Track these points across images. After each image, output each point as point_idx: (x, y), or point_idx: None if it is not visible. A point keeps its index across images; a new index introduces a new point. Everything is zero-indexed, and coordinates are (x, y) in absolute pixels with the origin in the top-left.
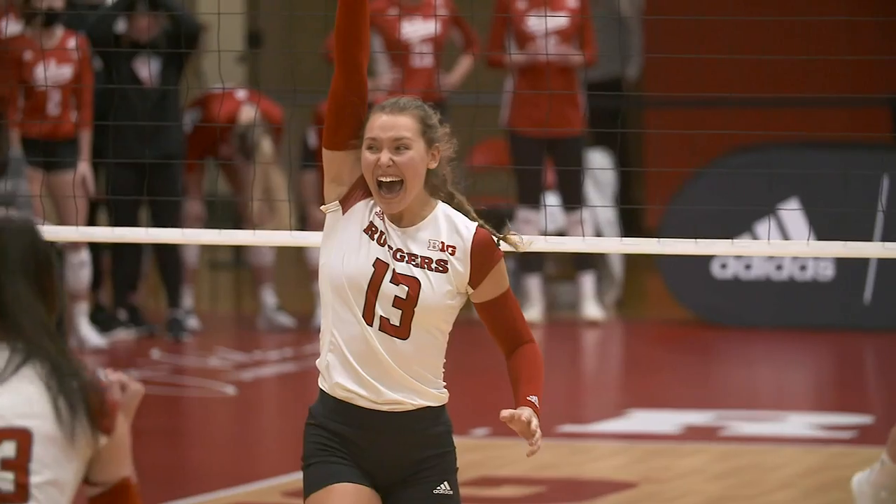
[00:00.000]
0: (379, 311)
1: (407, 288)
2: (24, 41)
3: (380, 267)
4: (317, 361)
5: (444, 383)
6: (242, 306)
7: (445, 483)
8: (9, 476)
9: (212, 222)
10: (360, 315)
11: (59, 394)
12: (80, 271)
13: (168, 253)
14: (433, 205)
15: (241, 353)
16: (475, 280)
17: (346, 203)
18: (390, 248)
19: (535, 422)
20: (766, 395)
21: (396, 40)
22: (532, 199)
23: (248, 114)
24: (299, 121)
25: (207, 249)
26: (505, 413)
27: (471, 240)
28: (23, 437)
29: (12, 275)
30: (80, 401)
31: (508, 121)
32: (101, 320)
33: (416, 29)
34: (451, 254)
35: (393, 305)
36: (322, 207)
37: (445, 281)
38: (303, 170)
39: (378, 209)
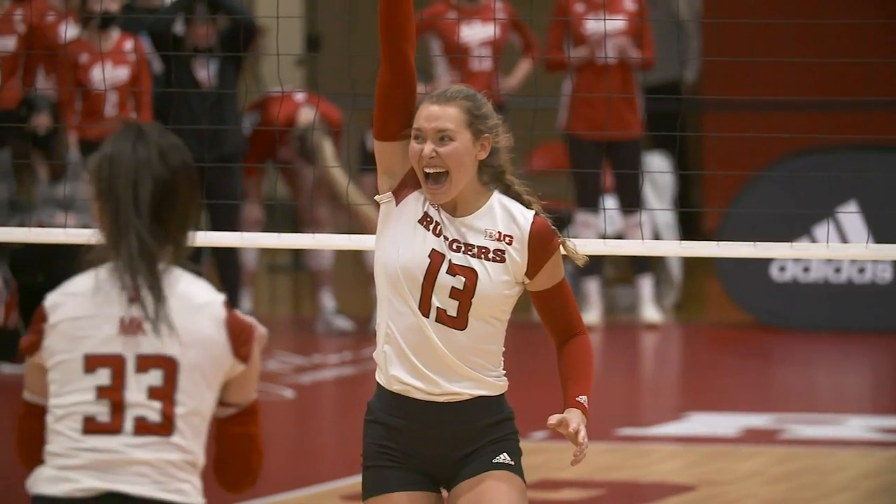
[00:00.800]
0: (435, 302)
1: (464, 279)
2: (81, 44)
3: (436, 258)
4: (373, 353)
5: (504, 371)
6: (301, 310)
7: (505, 454)
8: (156, 405)
9: (270, 225)
10: (416, 307)
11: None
12: None
13: (226, 256)
14: (489, 194)
15: (299, 357)
16: (532, 270)
17: (399, 194)
18: (446, 238)
19: (582, 432)
20: (825, 398)
21: (455, 44)
22: (590, 202)
23: (307, 115)
24: (357, 124)
25: (266, 252)
26: (552, 420)
27: (528, 229)
28: (169, 366)
29: (145, 191)
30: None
31: (566, 124)
32: None
33: (475, 32)
34: (508, 243)
35: (450, 296)
36: (376, 198)
37: (503, 271)
38: (361, 173)
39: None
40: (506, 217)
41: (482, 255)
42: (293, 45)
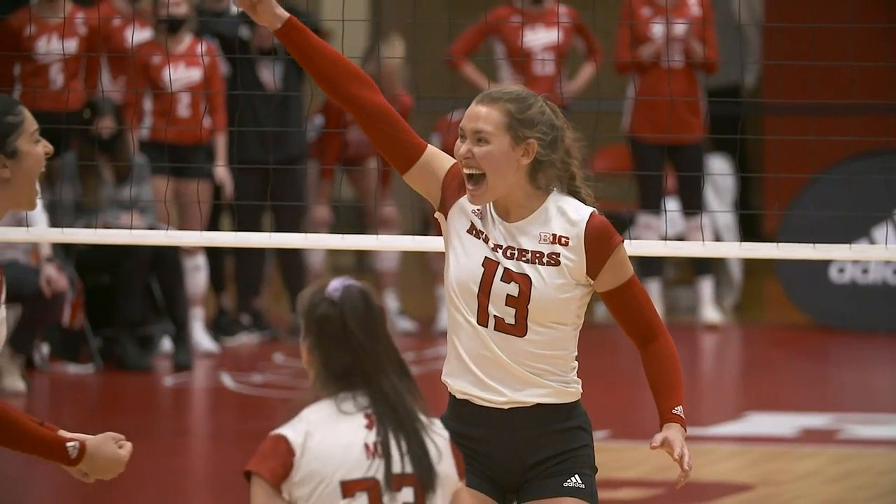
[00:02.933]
0: (492, 311)
1: (518, 285)
2: (154, 46)
3: (489, 266)
4: (442, 375)
5: (577, 379)
6: None
7: (577, 476)
8: None
9: (335, 227)
10: (474, 318)
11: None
12: (195, 276)
13: (291, 257)
14: (543, 197)
15: None
16: (593, 269)
17: (444, 208)
18: (499, 245)
19: (686, 456)
20: (883, 399)
21: (518, 48)
22: (653, 204)
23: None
24: (423, 126)
25: (331, 254)
26: (656, 441)
27: (584, 227)
28: (416, 483)
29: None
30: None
31: (631, 126)
32: (225, 325)
33: (539, 37)
34: (563, 244)
35: (506, 304)
36: (435, 216)
37: (557, 274)
38: None
39: (476, 208)
40: (561, 218)
41: (536, 260)
42: (358, 48)
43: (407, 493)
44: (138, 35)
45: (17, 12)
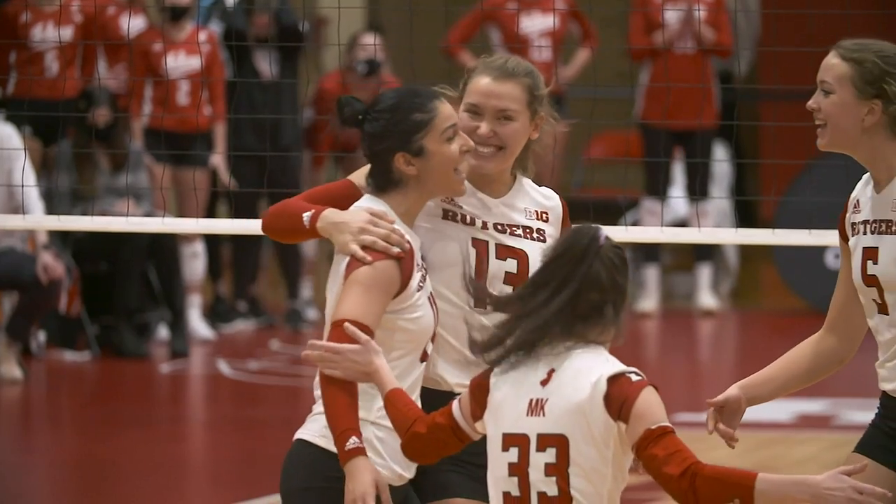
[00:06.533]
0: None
1: (515, 261)
2: (154, 34)
3: (480, 246)
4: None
5: None
6: None
7: None
8: (552, 480)
9: None
10: (472, 303)
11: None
12: (192, 263)
13: (287, 245)
14: (515, 173)
15: None
16: None
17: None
18: (486, 223)
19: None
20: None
21: (515, 34)
22: (660, 190)
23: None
24: None
25: (326, 241)
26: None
27: (560, 204)
28: (561, 443)
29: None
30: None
31: (642, 113)
32: (221, 312)
33: (535, 23)
34: (545, 221)
35: (504, 282)
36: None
37: (541, 252)
38: None
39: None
40: (536, 195)
41: (527, 235)
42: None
43: (550, 454)
44: (133, 23)
45: (12, 0)
